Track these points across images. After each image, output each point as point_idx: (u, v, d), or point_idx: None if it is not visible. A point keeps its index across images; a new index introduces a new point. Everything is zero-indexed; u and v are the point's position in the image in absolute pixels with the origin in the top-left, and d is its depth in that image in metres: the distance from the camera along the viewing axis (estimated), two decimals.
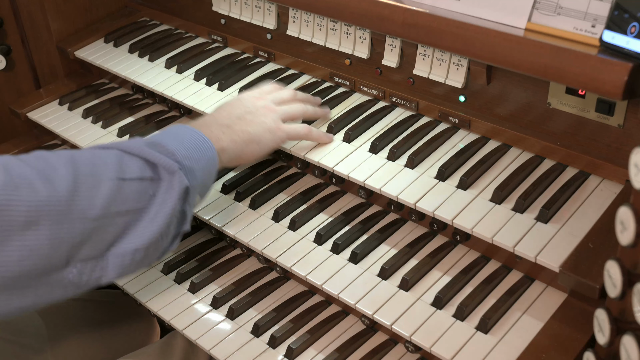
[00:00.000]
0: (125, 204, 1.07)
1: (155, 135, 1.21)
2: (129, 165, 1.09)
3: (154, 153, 1.11)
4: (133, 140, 1.15)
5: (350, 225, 1.35)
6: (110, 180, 1.05)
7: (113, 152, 1.11)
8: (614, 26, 1.08)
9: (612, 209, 1.16)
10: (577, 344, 1.06)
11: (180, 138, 1.19)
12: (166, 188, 1.12)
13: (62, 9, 1.90)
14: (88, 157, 1.07)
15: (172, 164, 1.12)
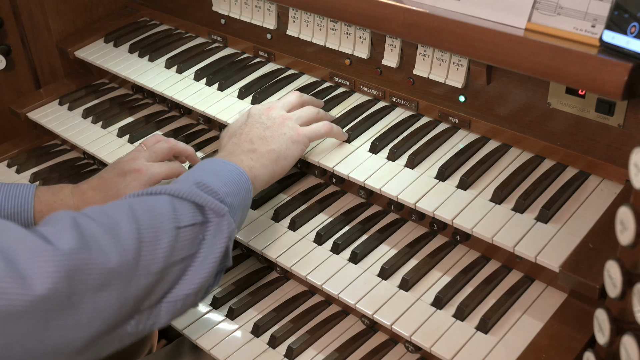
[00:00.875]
0: (181, 252, 1.06)
1: (193, 171, 1.18)
2: (182, 212, 1.07)
3: (201, 195, 1.09)
4: (180, 182, 1.13)
5: (350, 225, 1.35)
6: (168, 231, 1.04)
7: (164, 198, 1.09)
8: (614, 26, 1.08)
9: (612, 209, 1.16)
10: (577, 344, 1.06)
11: (218, 174, 1.17)
12: (215, 231, 1.10)
13: (62, 9, 1.90)
14: (144, 208, 1.05)
15: (220, 207, 1.10)
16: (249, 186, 1.20)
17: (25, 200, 1.29)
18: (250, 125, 1.31)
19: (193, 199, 1.08)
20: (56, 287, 0.88)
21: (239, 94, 1.59)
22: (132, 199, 1.08)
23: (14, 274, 0.85)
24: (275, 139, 1.29)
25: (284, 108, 1.37)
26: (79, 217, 0.98)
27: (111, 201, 1.29)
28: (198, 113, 1.62)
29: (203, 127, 1.69)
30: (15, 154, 1.85)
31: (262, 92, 1.57)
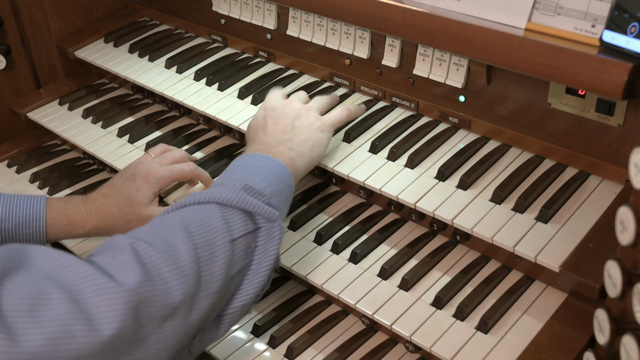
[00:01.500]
0: (237, 264, 1.04)
1: (235, 170, 1.16)
2: (233, 222, 1.05)
3: (250, 201, 1.06)
4: (226, 187, 1.08)
5: (350, 225, 1.35)
6: (224, 246, 1.01)
7: (213, 208, 1.05)
8: (614, 26, 1.08)
9: (612, 209, 1.16)
10: (577, 344, 1.06)
11: (261, 172, 1.14)
12: (266, 237, 1.08)
13: (62, 9, 1.90)
14: (197, 222, 1.02)
15: (271, 212, 1.07)
16: (292, 182, 1.19)
17: (37, 208, 1.29)
18: (276, 116, 1.30)
19: (242, 206, 1.06)
20: (124, 325, 0.85)
21: (239, 94, 1.59)
22: (181, 212, 1.05)
23: (81, 315, 0.82)
24: (306, 128, 1.28)
25: (300, 101, 1.36)
26: (137, 243, 0.94)
27: (124, 205, 1.32)
28: (198, 113, 1.62)
29: (203, 127, 1.69)
30: (15, 154, 1.85)
31: (262, 92, 1.57)
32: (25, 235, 1.28)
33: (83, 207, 1.33)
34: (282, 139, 1.25)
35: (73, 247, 1.53)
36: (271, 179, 1.13)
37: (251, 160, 1.17)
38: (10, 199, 1.29)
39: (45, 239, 1.30)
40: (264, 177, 1.13)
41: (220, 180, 1.14)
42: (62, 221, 1.31)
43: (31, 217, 1.28)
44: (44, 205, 1.30)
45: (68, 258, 0.87)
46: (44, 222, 1.29)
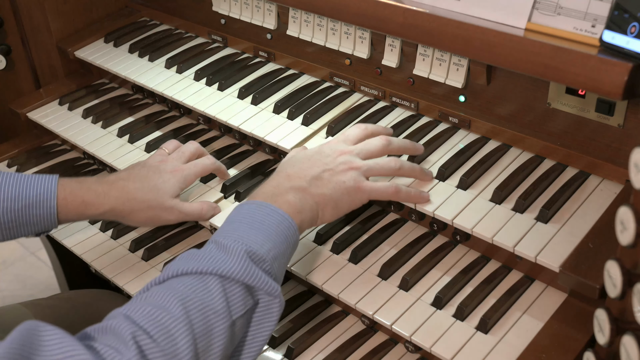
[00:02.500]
0: (232, 345, 1.01)
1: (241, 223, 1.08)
2: (234, 300, 1.00)
3: (253, 272, 1.01)
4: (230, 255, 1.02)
5: (350, 225, 1.35)
6: (222, 332, 0.97)
7: (215, 283, 0.99)
8: (614, 26, 1.08)
9: (612, 209, 1.16)
10: (577, 344, 1.06)
11: (267, 230, 1.07)
12: (263, 312, 1.04)
13: (62, 9, 1.90)
14: (198, 307, 0.97)
15: (273, 287, 1.02)
16: (296, 240, 1.13)
17: (49, 188, 1.27)
18: (313, 161, 1.21)
19: (245, 281, 1.01)
20: None
21: (239, 94, 1.59)
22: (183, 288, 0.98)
23: None
24: (330, 183, 1.18)
25: (360, 154, 1.24)
26: (140, 337, 0.90)
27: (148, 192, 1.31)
28: (198, 113, 1.62)
29: (203, 127, 1.69)
30: (15, 154, 1.85)
31: (262, 92, 1.57)
32: (36, 215, 1.26)
33: (100, 188, 1.31)
34: (296, 185, 1.16)
35: (73, 248, 1.53)
36: (276, 239, 1.08)
37: (257, 213, 1.10)
38: (20, 178, 1.27)
39: (57, 220, 1.28)
40: (269, 238, 1.07)
41: (224, 234, 1.07)
42: (75, 201, 1.28)
43: (42, 197, 1.26)
44: (56, 185, 1.27)
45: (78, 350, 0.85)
46: (55, 202, 1.26)
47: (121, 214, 1.32)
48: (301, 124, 1.47)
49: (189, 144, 1.46)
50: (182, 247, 1.50)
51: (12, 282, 2.91)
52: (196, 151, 1.44)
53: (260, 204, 1.12)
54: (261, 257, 1.04)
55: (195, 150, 1.44)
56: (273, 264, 1.05)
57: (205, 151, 1.48)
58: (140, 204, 1.32)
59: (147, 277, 1.43)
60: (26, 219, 1.26)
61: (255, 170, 1.52)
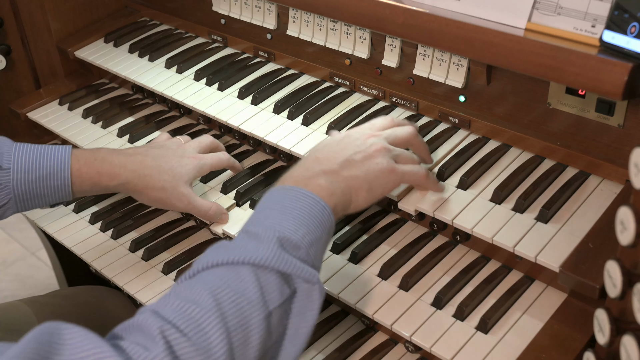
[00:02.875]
0: (272, 337, 0.94)
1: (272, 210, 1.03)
2: (269, 289, 0.94)
3: (287, 260, 0.95)
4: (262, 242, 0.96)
5: (350, 226, 1.35)
6: (258, 324, 0.91)
7: (247, 272, 0.94)
8: (614, 26, 1.08)
9: (612, 209, 1.16)
10: (577, 344, 1.06)
11: (299, 214, 1.01)
12: (304, 301, 0.98)
13: (62, 9, 1.90)
14: (230, 298, 0.91)
15: (310, 273, 0.96)
16: (332, 223, 1.06)
17: (62, 159, 1.26)
18: (343, 144, 1.16)
19: (280, 268, 0.94)
20: None
21: (239, 94, 1.59)
22: (213, 279, 0.93)
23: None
24: (363, 166, 1.12)
25: (388, 139, 1.20)
26: (168, 332, 0.85)
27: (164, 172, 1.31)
28: (198, 113, 1.62)
29: (203, 127, 1.69)
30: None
31: (262, 92, 1.57)
32: (50, 187, 1.26)
33: (116, 159, 1.30)
34: (329, 168, 1.10)
35: (73, 248, 1.53)
36: (310, 224, 1.01)
37: (288, 198, 1.04)
38: (34, 149, 1.27)
39: (71, 191, 1.28)
40: (302, 223, 1.00)
41: (255, 222, 1.02)
42: (90, 172, 1.28)
43: (56, 168, 1.26)
44: (69, 156, 1.27)
45: (101, 348, 0.80)
46: (69, 173, 1.26)
47: (134, 188, 1.32)
48: (301, 124, 1.47)
49: (205, 137, 1.48)
50: (182, 247, 1.50)
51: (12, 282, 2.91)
52: (212, 144, 1.47)
53: (291, 188, 1.06)
54: (295, 244, 0.98)
55: (211, 142, 1.47)
56: (309, 250, 0.99)
57: (221, 145, 1.50)
58: (155, 183, 1.32)
59: (147, 277, 1.43)
60: (41, 191, 1.26)
61: (255, 170, 1.52)
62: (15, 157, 1.25)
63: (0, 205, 1.26)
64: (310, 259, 1.00)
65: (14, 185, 1.25)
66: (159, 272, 1.44)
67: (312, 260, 1.00)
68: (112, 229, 1.56)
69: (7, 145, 1.28)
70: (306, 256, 0.99)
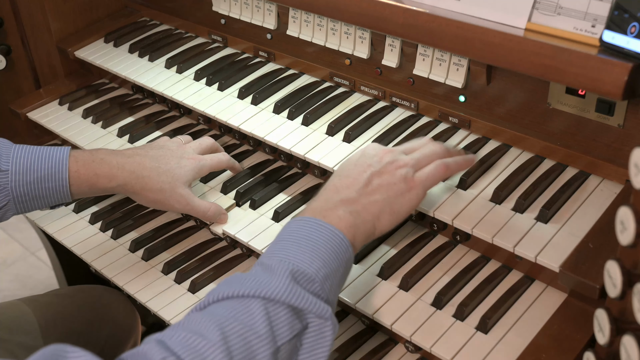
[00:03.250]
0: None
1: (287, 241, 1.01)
2: (279, 324, 0.92)
3: (300, 294, 0.93)
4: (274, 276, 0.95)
5: None
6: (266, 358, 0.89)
7: (257, 306, 0.91)
8: (614, 26, 1.08)
9: (612, 209, 1.16)
10: (577, 344, 1.06)
11: (315, 247, 0.99)
12: (315, 337, 0.95)
13: (62, 9, 1.90)
14: (237, 332, 0.89)
15: (323, 309, 0.94)
16: (350, 255, 1.03)
17: (60, 160, 1.26)
18: (359, 166, 1.12)
19: (291, 302, 0.93)
20: None
21: (239, 94, 1.59)
22: (221, 311, 0.92)
23: None
24: (383, 189, 1.09)
25: (405, 151, 1.17)
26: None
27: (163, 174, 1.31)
28: (198, 113, 1.62)
29: (203, 127, 1.69)
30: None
31: (262, 92, 1.57)
32: (48, 188, 1.26)
33: (114, 160, 1.30)
34: (347, 197, 1.07)
35: (73, 248, 1.53)
36: (325, 257, 0.99)
37: (305, 229, 1.02)
38: (33, 151, 1.27)
39: (69, 192, 1.28)
40: (318, 255, 0.99)
41: (269, 254, 1.00)
42: (88, 173, 1.28)
43: (54, 170, 1.25)
44: (67, 157, 1.27)
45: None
46: (67, 174, 1.26)
47: (132, 189, 1.32)
48: (301, 124, 1.47)
49: (205, 138, 1.48)
50: (182, 247, 1.50)
51: (12, 282, 2.91)
52: (212, 145, 1.48)
53: (309, 219, 1.04)
54: (309, 277, 0.96)
55: (211, 144, 1.47)
56: (324, 284, 0.97)
57: (220, 147, 1.51)
58: (153, 184, 1.32)
59: (147, 277, 1.43)
60: (39, 192, 1.26)
61: (255, 170, 1.52)
62: (14, 159, 1.25)
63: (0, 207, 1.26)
64: (325, 293, 0.97)
65: (12, 187, 1.25)
66: (159, 272, 1.44)
67: (327, 295, 0.98)
68: (112, 229, 1.56)
69: (7, 147, 1.28)
70: (320, 290, 0.97)
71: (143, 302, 1.38)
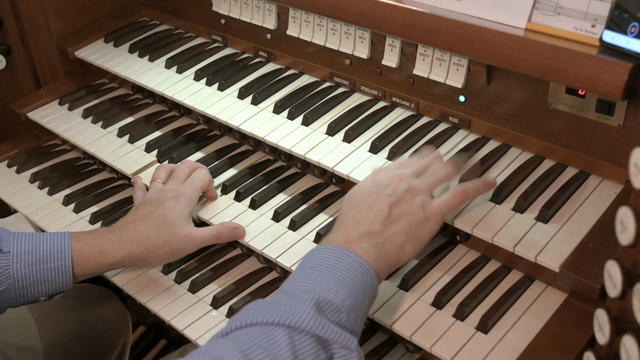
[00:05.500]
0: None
1: (312, 270, 1.01)
2: (304, 355, 0.90)
3: (325, 325, 0.92)
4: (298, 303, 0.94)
5: None
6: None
7: (281, 335, 0.90)
8: (614, 26, 1.08)
9: (612, 209, 1.16)
10: (577, 344, 1.06)
11: (341, 277, 0.99)
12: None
13: (62, 9, 1.90)
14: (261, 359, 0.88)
15: (348, 339, 0.93)
16: (376, 287, 1.04)
17: (62, 240, 1.25)
18: (375, 196, 1.12)
19: (315, 332, 0.91)
20: None
21: (239, 94, 1.59)
22: (245, 337, 0.90)
23: None
24: (402, 219, 1.09)
25: (416, 174, 1.17)
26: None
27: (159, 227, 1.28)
28: (198, 113, 1.62)
29: (203, 127, 1.69)
30: (15, 154, 1.85)
31: (262, 92, 1.57)
32: (51, 269, 1.23)
33: (112, 235, 1.29)
34: (371, 229, 1.07)
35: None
36: (352, 287, 0.99)
37: (330, 258, 1.02)
38: (33, 235, 1.25)
39: (72, 273, 1.25)
40: (344, 285, 0.98)
41: (293, 282, 1.00)
42: (91, 251, 1.26)
43: (56, 249, 1.24)
44: (69, 237, 1.26)
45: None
46: (69, 253, 1.24)
47: (139, 257, 1.30)
48: (301, 124, 1.47)
49: (179, 165, 1.44)
50: None
51: None
52: (189, 169, 1.42)
53: (334, 248, 1.03)
54: (336, 307, 0.95)
55: (188, 169, 1.42)
56: (349, 315, 0.96)
57: (197, 164, 1.45)
58: (155, 242, 1.30)
59: (146, 277, 1.43)
60: (41, 274, 1.23)
61: (255, 170, 1.52)
62: (15, 242, 1.23)
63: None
64: (350, 324, 0.96)
65: (13, 269, 1.22)
66: (159, 272, 1.44)
67: (352, 326, 0.97)
68: None
69: (6, 232, 1.26)
70: (346, 321, 0.96)
71: (143, 302, 1.38)
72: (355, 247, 1.04)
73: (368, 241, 1.06)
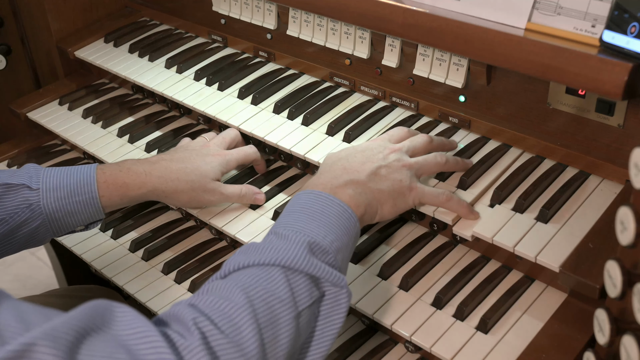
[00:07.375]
0: (299, 339, 0.97)
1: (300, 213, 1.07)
2: (299, 290, 0.97)
3: (316, 264, 0.99)
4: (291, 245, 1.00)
5: None
6: (288, 322, 0.94)
7: (278, 274, 0.97)
8: (614, 26, 1.08)
9: (612, 209, 1.16)
10: (577, 344, 1.06)
11: (328, 221, 1.06)
12: (331, 304, 1.01)
13: (62, 9, 1.90)
14: (261, 296, 0.94)
15: (338, 278, 1.00)
16: (358, 231, 1.11)
17: (88, 174, 1.29)
18: (368, 155, 1.19)
19: (309, 271, 0.98)
20: None
21: (239, 94, 1.59)
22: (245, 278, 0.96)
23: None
24: (388, 181, 1.16)
25: (408, 151, 1.23)
26: (202, 323, 0.88)
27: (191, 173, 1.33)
28: (198, 113, 1.62)
29: (203, 127, 1.69)
30: (15, 154, 1.85)
31: (262, 92, 1.57)
32: (79, 202, 1.28)
33: (140, 168, 1.33)
34: (357, 178, 1.14)
35: (73, 248, 1.53)
36: (337, 231, 1.06)
37: (318, 203, 1.08)
38: (61, 170, 1.30)
39: (100, 204, 1.29)
40: (331, 229, 1.05)
41: (284, 224, 1.05)
42: (117, 182, 1.30)
43: (83, 182, 1.28)
44: (94, 170, 1.30)
45: (149, 328, 0.84)
46: (95, 186, 1.28)
47: (164, 194, 1.34)
48: (301, 124, 1.47)
49: (229, 130, 1.49)
50: (182, 247, 1.50)
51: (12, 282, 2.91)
52: (236, 137, 1.49)
53: (320, 194, 1.10)
54: (324, 249, 1.02)
55: (235, 136, 1.48)
56: (337, 256, 1.03)
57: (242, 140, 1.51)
58: (183, 185, 1.34)
59: (147, 277, 1.43)
60: (71, 207, 1.28)
61: (255, 170, 1.52)
62: (44, 178, 1.27)
63: (35, 227, 1.27)
64: (338, 264, 1.03)
65: (44, 204, 1.26)
66: (159, 272, 1.44)
67: (340, 266, 1.04)
68: (112, 229, 1.56)
69: (36, 168, 1.30)
70: (334, 261, 1.02)
71: (143, 302, 1.38)
72: (340, 192, 1.11)
73: (353, 188, 1.13)
